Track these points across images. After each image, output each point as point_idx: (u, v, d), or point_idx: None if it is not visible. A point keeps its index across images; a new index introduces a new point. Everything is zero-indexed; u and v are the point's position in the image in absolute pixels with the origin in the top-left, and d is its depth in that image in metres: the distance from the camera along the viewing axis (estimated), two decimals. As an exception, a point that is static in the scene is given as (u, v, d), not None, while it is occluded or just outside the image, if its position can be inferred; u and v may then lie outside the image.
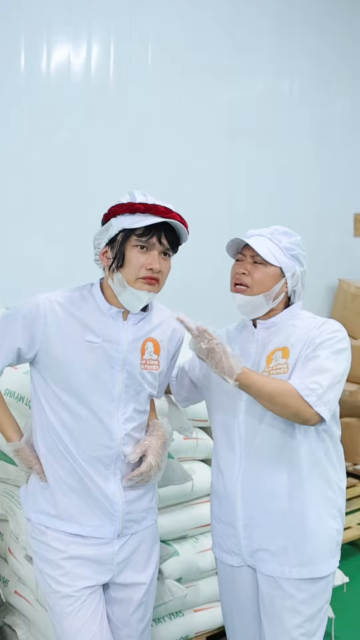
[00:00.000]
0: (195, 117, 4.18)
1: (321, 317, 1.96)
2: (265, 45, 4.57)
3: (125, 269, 1.79)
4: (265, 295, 1.90)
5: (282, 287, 1.92)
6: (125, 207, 1.80)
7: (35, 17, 3.42)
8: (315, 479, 1.87)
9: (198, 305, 3.83)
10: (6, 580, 2.48)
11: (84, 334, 1.82)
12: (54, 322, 1.81)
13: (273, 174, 4.68)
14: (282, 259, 1.92)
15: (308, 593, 1.86)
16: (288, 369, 1.85)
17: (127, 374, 1.86)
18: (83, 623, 1.82)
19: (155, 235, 1.79)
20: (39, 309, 1.81)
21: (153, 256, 1.80)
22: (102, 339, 1.83)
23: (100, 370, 1.82)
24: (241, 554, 1.95)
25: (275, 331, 1.94)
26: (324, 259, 5.05)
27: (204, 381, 2.09)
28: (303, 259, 1.98)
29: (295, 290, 1.97)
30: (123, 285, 1.80)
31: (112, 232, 1.81)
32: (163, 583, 2.35)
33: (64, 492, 1.84)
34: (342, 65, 5.17)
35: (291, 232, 1.97)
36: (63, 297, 1.86)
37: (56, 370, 1.82)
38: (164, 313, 1.99)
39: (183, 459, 2.62)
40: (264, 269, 1.90)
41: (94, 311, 1.85)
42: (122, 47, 3.78)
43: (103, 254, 1.85)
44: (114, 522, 1.86)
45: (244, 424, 1.91)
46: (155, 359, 1.92)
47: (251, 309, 1.93)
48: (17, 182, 3.43)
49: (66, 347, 1.81)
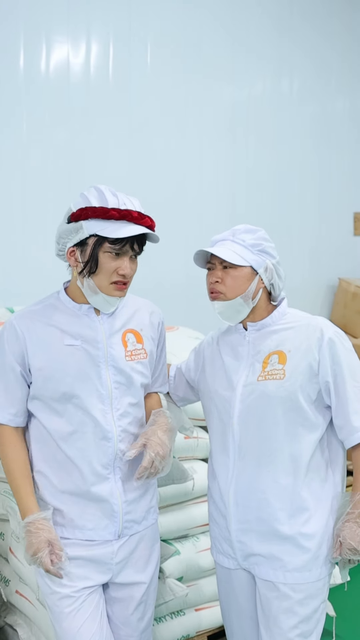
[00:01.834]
0: (195, 116, 4.18)
1: (310, 317, 1.95)
2: (265, 44, 4.57)
3: (97, 276, 1.80)
4: (242, 297, 1.89)
5: (257, 284, 1.91)
6: (98, 212, 1.78)
7: (34, 17, 3.41)
8: (312, 485, 1.87)
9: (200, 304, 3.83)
10: (7, 580, 2.48)
11: (62, 339, 1.83)
12: (31, 336, 1.83)
13: (273, 172, 4.68)
14: (250, 257, 1.90)
15: (304, 594, 1.86)
16: (284, 375, 1.85)
17: (114, 370, 1.86)
18: (82, 623, 1.82)
19: (128, 242, 1.79)
20: (15, 329, 1.84)
21: (125, 262, 1.80)
22: (81, 340, 1.84)
23: (87, 370, 1.83)
24: (235, 557, 1.95)
25: (267, 333, 1.93)
26: (324, 258, 5.06)
27: (199, 384, 2.10)
28: (272, 250, 1.94)
29: (274, 283, 1.95)
30: (95, 291, 1.82)
31: (82, 235, 1.80)
32: (164, 582, 2.36)
33: (62, 501, 1.84)
34: (342, 64, 5.17)
35: (253, 228, 1.95)
36: (33, 311, 1.89)
37: (44, 380, 1.82)
38: (136, 301, 2.00)
39: (183, 458, 2.62)
40: (234, 273, 1.89)
41: (67, 316, 1.87)
42: (121, 46, 3.78)
43: (70, 253, 1.84)
44: (114, 523, 1.86)
45: (237, 429, 1.91)
46: (140, 348, 1.92)
47: (232, 313, 1.93)
48: (17, 182, 3.43)
49: (48, 355, 1.82)
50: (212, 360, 2.04)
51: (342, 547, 1.82)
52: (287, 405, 1.84)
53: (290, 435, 1.85)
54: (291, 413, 1.84)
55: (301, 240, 4.84)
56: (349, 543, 1.80)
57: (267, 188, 4.63)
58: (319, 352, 1.85)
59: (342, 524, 1.83)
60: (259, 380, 1.88)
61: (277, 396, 1.84)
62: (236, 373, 1.94)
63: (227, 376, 1.96)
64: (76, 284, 1.86)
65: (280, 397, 1.84)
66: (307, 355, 1.85)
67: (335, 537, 1.85)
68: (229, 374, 1.95)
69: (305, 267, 4.88)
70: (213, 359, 2.04)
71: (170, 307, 2.08)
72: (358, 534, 1.80)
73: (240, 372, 1.93)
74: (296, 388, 1.84)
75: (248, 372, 1.91)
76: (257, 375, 1.89)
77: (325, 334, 1.86)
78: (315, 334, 1.87)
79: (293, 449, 1.85)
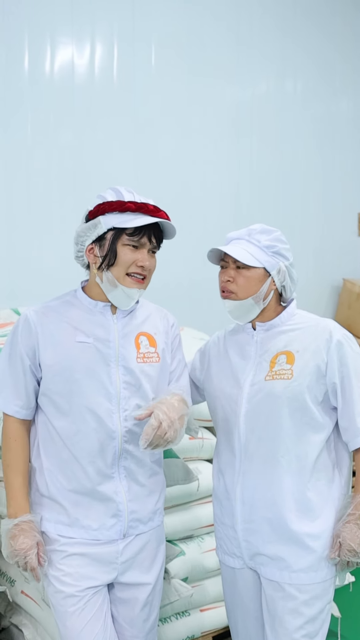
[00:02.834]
0: (199, 116, 4.19)
1: (319, 318, 1.95)
2: (268, 44, 4.57)
3: (116, 267, 1.81)
4: (253, 298, 1.89)
5: (269, 286, 1.91)
6: (115, 206, 1.80)
7: (38, 18, 3.42)
8: (318, 485, 1.87)
9: (205, 305, 3.84)
10: (13, 581, 2.48)
11: (75, 336, 1.84)
12: (43, 330, 1.84)
13: (277, 173, 4.68)
14: (264, 259, 1.89)
15: (309, 594, 1.86)
16: (292, 375, 1.85)
17: (124, 370, 1.86)
18: (86, 623, 1.82)
19: (145, 234, 1.80)
20: (29, 323, 1.85)
21: (143, 254, 1.82)
22: (93, 338, 1.84)
23: (97, 368, 1.83)
24: (242, 556, 1.95)
25: (275, 333, 1.94)
26: (328, 258, 5.05)
27: (205, 384, 2.10)
28: (287, 252, 1.94)
29: (285, 286, 1.94)
30: (114, 284, 1.82)
31: (100, 230, 1.82)
32: (169, 583, 2.36)
33: (68, 500, 1.84)
34: (346, 65, 5.17)
35: (269, 229, 1.94)
36: (49, 306, 1.90)
37: (52, 375, 1.83)
38: (149, 307, 2.00)
39: (189, 459, 2.62)
40: (247, 273, 1.89)
41: (82, 313, 1.87)
42: (125, 47, 3.78)
43: (89, 250, 1.85)
44: (120, 522, 1.86)
45: (244, 428, 1.91)
46: (153, 352, 1.91)
47: (242, 313, 1.93)
48: (21, 183, 3.44)
49: (59, 351, 1.82)
50: (219, 360, 2.04)
51: (341, 548, 1.81)
52: (293, 405, 1.84)
53: (297, 435, 1.85)
54: (298, 413, 1.84)
55: (305, 240, 4.84)
56: (348, 544, 1.79)
57: (271, 188, 4.63)
58: (327, 354, 1.85)
59: (342, 525, 1.82)
60: (266, 380, 1.88)
61: (284, 396, 1.84)
62: (243, 372, 1.94)
63: (234, 375, 1.96)
64: (94, 281, 1.87)
65: (287, 397, 1.84)
66: (315, 356, 1.85)
67: (334, 538, 1.84)
68: (235, 373, 1.95)
69: (310, 268, 4.88)
70: (219, 358, 2.04)
71: (175, 308, 2.08)
72: (358, 536, 1.79)
73: (247, 372, 1.93)
74: (303, 388, 1.84)
75: (255, 371, 1.91)
76: (264, 375, 1.89)
77: (334, 336, 1.86)
78: (323, 335, 1.87)
79: (299, 449, 1.85)
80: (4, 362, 1.88)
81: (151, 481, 1.94)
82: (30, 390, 1.87)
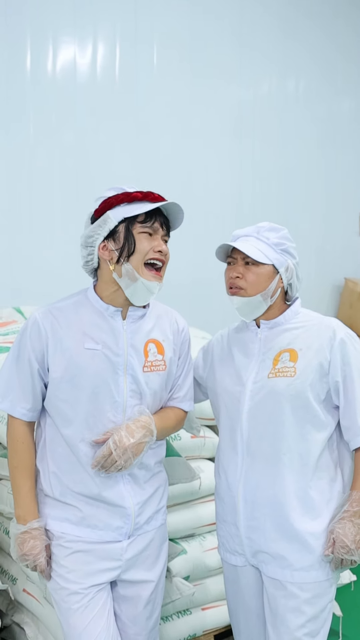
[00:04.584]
0: (202, 116, 4.20)
1: (322, 317, 1.96)
2: (270, 45, 4.58)
3: (135, 256, 1.78)
4: (262, 295, 1.90)
5: (277, 283, 1.92)
6: (121, 197, 1.79)
7: (41, 19, 3.43)
8: (320, 484, 1.87)
9: (207, 303, 3.85)
10: (15, 579, 2.49)
11: (83, 342, 1.81)
12: (54, 335, 1.81)
13: (279, 173, 4.69)
14: (273, 256, 1.90)
15: (311, 593, 1.86)
16: (295, 373, 1.85)
17: (131, 378, 1.84)
18: (90, 620, 1.82)
19: (157, 219, 1.80)
20: (39, 327, 1.82)
21: (159, 240, 1.81)
22: (102, 345, 1.81)
23: (105, 376, 1.81)
24: (244, 554, 1.95)
25: (279, 331, 1.94)
26: (330, 258, 5.06)
27: (207, 382, 2.10)
28: (293, 251, 1.96)
29: (292, 284, 1.95)
30: (134, 278, 1.78)
31: (111, 225, 1.80)
32: (171, 581, 2.36)
33: (74, 501, 1.84)
34: (348, 65, 5.18)
35: (277, 227, 1.95)
36: (58, 307, 1.86)
37: (59, 381, 1.81)
38: (159, 309, 1.98)
39: (190, 458, 2.62)
40: (256, 270, 1.89)
41: (91, 315, 1.84)
42: (127, 47, 3.79)
43: (102, 248, 1.82)
44: (126, 524, 1.87)
45: (246, 425, 1.91)
46: (160, 359, 1.89)
47: (250, 309, 1.93)
48: (24, 183, 3.44)
49: (68, 358, 1.80)
50: (222, 357, 2.04)
51: (335, 545, 1.81)
52: (296, 403, 1.84)
53: (299, 433, 1.85)
54: (300, 411, 1.85)
55: (307, 240, 4.84)
56: (341, 540, 1.79)
57: (272, 188, 4.63)
58: (330, 352, 1.85)
59: (337, 522, 1.82)
60: (269, 377, 1.88)
61: (287, 393, 1.84)
62: (246, 370, 1.94)
63: (237, 373, 1.96)
64: (106, 283, 1.84)
65: (290, 394, 1.84)
66: (318, 354, 1.85)
67: (328, 534, 1.84)
68: (238, 370, 1.96)
69: (312, 267, 4.89)
70: (223, 356, 2.04)
71: (177, 307, 2.07)
72: (352, 532, 1.78)
73: (250, 369, 1.93)
74: (306, 386, 1.84)
75: (258, 368, 1.92)
76: (267, 372, 1.89)
77: (338, 335, 1.87)
78: (327, 334, 1.87)
79: (301, 447, 1.85)
80: (11, 365, 1.86)
81: (154, 481, 1.94)
82: (38, 393, 1.85)
